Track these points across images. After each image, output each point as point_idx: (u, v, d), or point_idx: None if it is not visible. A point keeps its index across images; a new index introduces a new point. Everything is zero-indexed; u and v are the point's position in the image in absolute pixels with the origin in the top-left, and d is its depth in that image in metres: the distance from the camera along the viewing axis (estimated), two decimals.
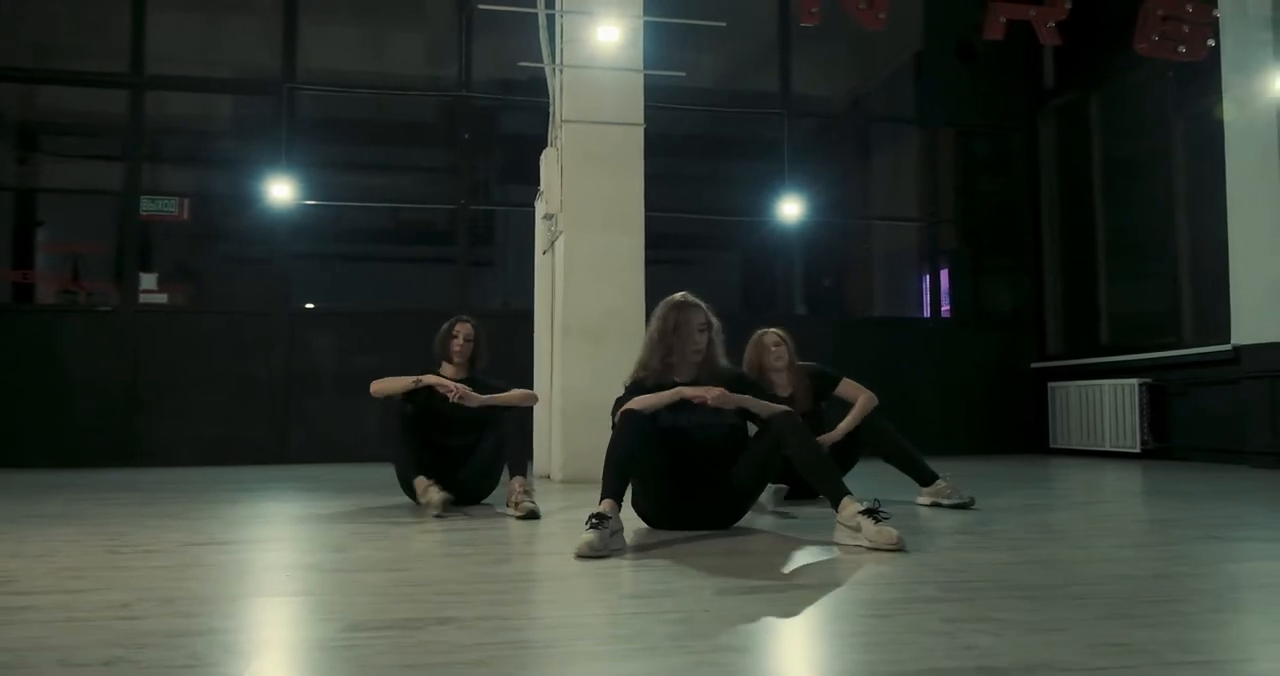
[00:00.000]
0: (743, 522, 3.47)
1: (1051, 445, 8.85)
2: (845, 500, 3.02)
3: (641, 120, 5.96)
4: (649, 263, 6.08)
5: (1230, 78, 7.12)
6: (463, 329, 4.35)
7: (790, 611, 2.03)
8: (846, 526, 2.98)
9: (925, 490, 4.18)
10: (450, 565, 2.74)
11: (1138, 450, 7.75)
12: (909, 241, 10.13)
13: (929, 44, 9.73)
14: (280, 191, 8.24)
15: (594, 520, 2.85)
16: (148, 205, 8.34)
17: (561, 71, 6.02)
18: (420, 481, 4.00)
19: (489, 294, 9.71)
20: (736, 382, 3.35)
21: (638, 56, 6.00)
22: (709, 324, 3.39)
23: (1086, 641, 1.75)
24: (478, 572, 2.60)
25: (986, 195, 9.89)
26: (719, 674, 1.54)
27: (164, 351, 7.97)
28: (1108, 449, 8.08)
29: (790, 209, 8.92)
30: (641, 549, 2.96)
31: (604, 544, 2.79)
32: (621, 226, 5.81)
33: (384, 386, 4.26)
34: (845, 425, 4.31)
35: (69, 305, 8.51)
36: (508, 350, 7.24)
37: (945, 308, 9.57)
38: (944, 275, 9.64)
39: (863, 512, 2.95)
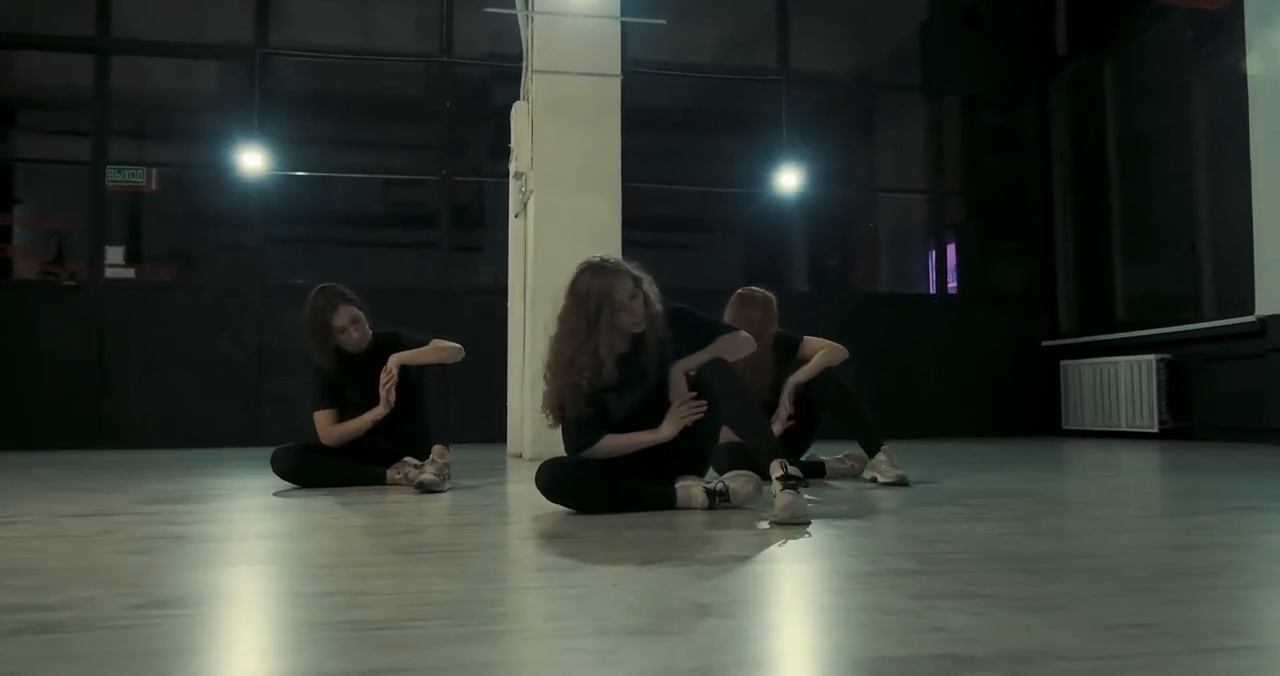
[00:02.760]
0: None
1: (1064, 426, 8.38)
2: (775, 464, 2.56)
3: (618, 71, 5.51)
4: (650, 248, 5.64)
5: (1254, 31, 6.64)
6: (345, 315, 3.62)
7: (718, 587, 1.61)
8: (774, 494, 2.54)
9: (870, 461, 3.67)
10: (345, 536, 2.34)
11: (1155, 430, 7.29)
12: (915, 216, 9.67)
13: (934, 9, 9.27)
14: (252, 161, 7.85)
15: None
16: (114, 175, 7.95)
17: (533, 19, 5.59)
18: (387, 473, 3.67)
19: (478, 271, 9.26)
20: (673, 325, 2.77)
21: (614, 3, 5.56)
22: (639, 287, 2.73)
23: (1096, 622, 1.33)
24: (372, 544, 2.19)
25: (995, 167, 9.42)
26: (585, 661, 1.13)
27: (132, 329, 7.57)
28: (1124, 429, 7.62)
29: (789, 181, 8.49)
30: (575, 519, 2.55)
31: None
32: (596, 186, 5.36)
33: (345, 433, 3.71)
34: (800, 376, 3.66)
35: (34, 281, 8.13)
36: (493, 327, 6.85)
37: (952, 284, 9.11)
38: (951, 250, 9.18)
39: (780, 478, 2.50)
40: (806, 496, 2.58)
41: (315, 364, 3.70)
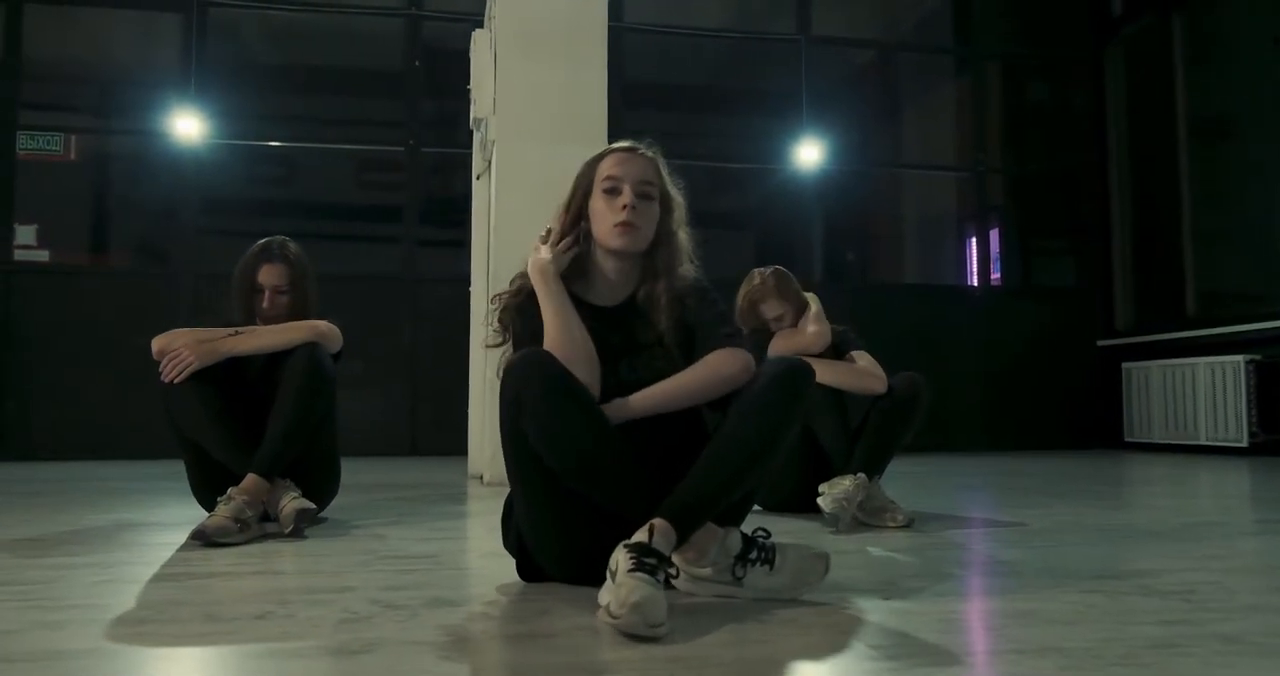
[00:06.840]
0: None
1: (1127, 438, 7.21)
2: (658, 522, 1.56)
3: None
4: None
5: None
6: (271, 275, 2.76)
7: None
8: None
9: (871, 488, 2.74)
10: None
11: (1244, 444, 6.14)
12: (949, 196, 8.51)
13: None
14: (187, 129, 6.76)
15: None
16: (26, 142, 6.85)
17: None
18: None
19: (461, 257, 8.00)
20: (693, 298, 1.87)
21: None
22: (657, 185, 1.86)
23: None
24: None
25: (1041, 143, 8.26)
26: None
27: (43, 321, 6.41)
28: (1203, 442, 6.46)
29: (809, 155, 7.39)
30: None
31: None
32: (576, 134, 4.17)
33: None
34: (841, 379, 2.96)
35: None
36: (460, 320, 5.70)
37: (995, 275, 7.95)
38: (993, 236, 8.01)
39: (631, 547, 1.50)
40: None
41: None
